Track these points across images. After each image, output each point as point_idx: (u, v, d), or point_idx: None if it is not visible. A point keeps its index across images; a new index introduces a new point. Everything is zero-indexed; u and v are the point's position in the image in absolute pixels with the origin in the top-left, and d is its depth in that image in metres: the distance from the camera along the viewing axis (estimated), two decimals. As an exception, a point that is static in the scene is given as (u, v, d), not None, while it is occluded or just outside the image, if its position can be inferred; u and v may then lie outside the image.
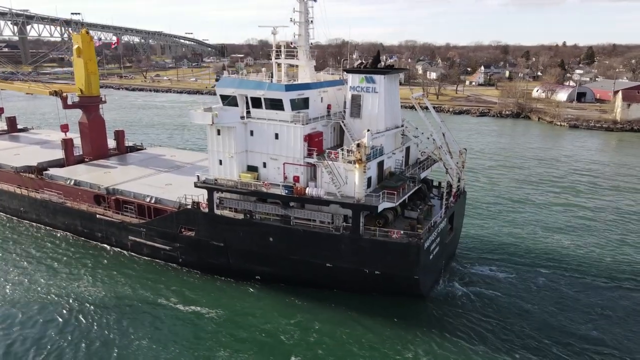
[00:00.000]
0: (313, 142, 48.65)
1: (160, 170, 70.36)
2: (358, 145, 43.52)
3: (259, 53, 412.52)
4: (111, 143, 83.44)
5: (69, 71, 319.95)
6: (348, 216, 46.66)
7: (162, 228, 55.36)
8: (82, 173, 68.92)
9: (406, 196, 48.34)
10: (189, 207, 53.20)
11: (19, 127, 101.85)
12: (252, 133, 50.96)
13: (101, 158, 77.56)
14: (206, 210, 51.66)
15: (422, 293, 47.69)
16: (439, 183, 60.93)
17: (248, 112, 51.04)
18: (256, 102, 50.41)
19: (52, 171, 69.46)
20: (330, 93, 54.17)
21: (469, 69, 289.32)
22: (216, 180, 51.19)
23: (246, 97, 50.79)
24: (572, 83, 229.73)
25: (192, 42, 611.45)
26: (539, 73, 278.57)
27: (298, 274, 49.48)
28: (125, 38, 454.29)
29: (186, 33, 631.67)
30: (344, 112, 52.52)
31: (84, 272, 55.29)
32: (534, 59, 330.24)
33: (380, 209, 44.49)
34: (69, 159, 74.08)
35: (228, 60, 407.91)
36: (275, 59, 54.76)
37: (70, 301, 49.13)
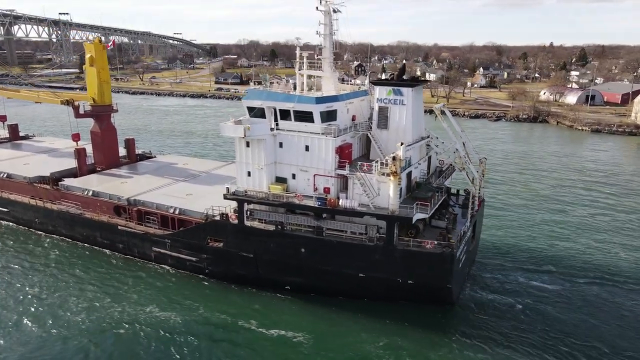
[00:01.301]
0: (344, 153, 49.35)
1: (176, 180, 70.24)
2: (394, 158, 44.34)
3: (252, 54, 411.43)
4: (121, 151, 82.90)
5: (60, 73, 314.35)
6: (379, 227, 47.57)
7: (189, 239, 55.43)
8: (99, 183, 68.44)
9: (436, 206, 49.36)
10: (217, 218, 53.42)
11: (20, 134, 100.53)
12: (281, 145, 51.44)
13: (113, 167, 77.12)
14: (235, 221, 51.97)
15: (453, 301, 48.76)
16: (457, 191, 62.14)
17: (276, 124, 51.53)
18: (284, 114, 50.90)
19: (68, 182, 68.89)
20: (355, 104, 54.92)
21: (465, 70, 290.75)
22: (246, 191, 51.54)
23: (274, 109, 51.25)
24: (574, 85, 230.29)
25: (179, 42, 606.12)
26: (537, 75, 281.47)
27: (330, 284, 50.10)
28: (115, 39, 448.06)
29: (175, 33, 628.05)
30: (370, 123, 53.33)
31: (134, 292, 52.83)
32: (527, 60, 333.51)
33: (414, 219, 45.44)
34: (82, 169, 73.50)
35: (222, 61, 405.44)
36: (299, 70, 55.45)
37: (138, 325, 46.18)
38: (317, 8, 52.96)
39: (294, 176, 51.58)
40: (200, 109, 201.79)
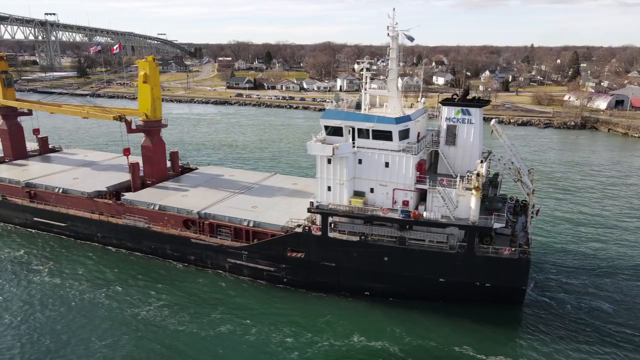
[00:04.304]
0: (422, 169, 53.93)
1: (233, 192, 73.15)
2: (477, 174, 49.18)
3: (247, 56, 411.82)
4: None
5: (56, 76, 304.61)
6: (454, 234, 52.36)
7: (268, 251, 58.87)
8: (160, 197, 70.70)
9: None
10: (298, 230, 57.08)
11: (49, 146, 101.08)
12: (360, 161, 55.57)
13: (162, 180, 79.40)
14: (318, 233, 55.77)
15: (523, 301, 53.95)
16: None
17: (352, 141, 55.65)
18: (362, 133, 55.10)
19: (129, 196, 71.03)
20: (420, 121, 59.59)
21: (468, 73, 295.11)
22: (329, 205, 55.43)
23: (352, 128, 55.34)
24: (590, 89, 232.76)
25: (159, 42, 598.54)
26: (539, 77, 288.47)
27: (409, 289, 54.58)
28: (102, 40, 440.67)
29: (159, 34, 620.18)
30: (437, 139, 57.98)
31: (324, 322, 51.56)
32: (531, 64, 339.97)
33: (493, 229, 50.41)
34: (136, 183, 75.70)
35: (216, 63, 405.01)
36: (364, 90, 59.82)
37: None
38: (387, 34, 57.39)
39: (372, 190, 55.78)
40: (234, 117, 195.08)
